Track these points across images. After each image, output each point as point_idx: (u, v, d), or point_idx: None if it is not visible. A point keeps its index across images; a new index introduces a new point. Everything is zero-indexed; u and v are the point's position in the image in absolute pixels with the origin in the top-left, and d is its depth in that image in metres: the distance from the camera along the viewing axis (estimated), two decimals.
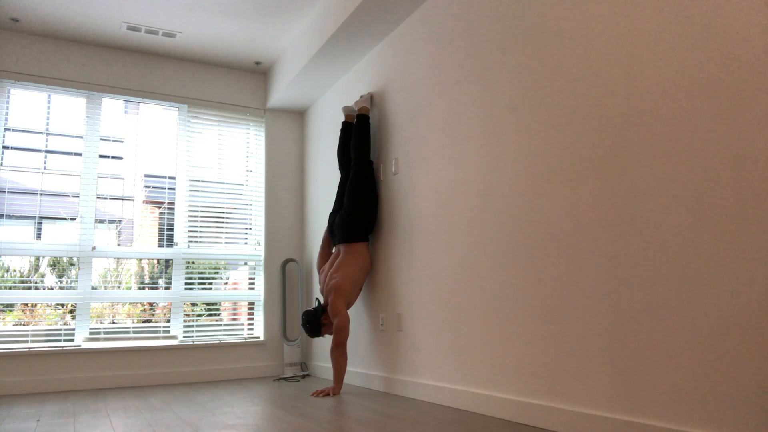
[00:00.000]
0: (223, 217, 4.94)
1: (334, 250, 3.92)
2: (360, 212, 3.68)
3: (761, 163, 1.65)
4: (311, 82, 4.54)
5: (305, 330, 3.65)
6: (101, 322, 4.66)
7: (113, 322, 4.85)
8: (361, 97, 3.95)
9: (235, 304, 5.10)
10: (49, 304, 4.61)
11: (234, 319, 5.08)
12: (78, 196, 4.42)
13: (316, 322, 3.63)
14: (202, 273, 4.85)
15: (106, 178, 4.62)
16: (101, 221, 4.60)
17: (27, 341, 4.09)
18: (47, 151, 4.96)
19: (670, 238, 1.89)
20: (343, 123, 4.08)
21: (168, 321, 4.63)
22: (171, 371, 4.39)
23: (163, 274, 4.88)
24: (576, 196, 2.26)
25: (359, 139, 3.80)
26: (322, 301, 3.71)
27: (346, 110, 4.07)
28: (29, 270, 4.53)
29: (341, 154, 4.01)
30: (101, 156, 4.54)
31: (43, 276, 4.63)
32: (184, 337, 4.58)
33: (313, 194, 4.94)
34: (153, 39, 4.47)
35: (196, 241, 4.75)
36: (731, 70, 1.75)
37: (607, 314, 2.09)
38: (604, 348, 2.09)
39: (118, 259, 4.78)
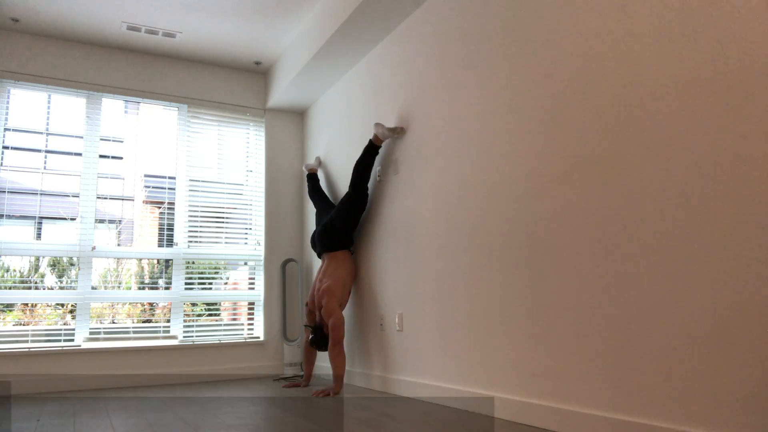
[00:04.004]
0: (223, 217, 4.94)
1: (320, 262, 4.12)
2: (340, 226, 3.87)
3: (761, 162, 1.65)
4: (311, 82, 4.54)
5: (317, 347, 3.75)
6: (101, 322, 4.66)
7: (113, 322, 4.85)
8: (395, 128, 3.60)
9: (235, 304, 5.10)
10: (49, 304, 4.61)
11: (234, 319, 5.08)
12: (78, 196, 4.41)
13: (322, 335, 3.71)
14: (202, 273, 4.85)
15: (106, 178, 4.62)
16: (101, 221, 4.60)
17: (27, 341, 4.09)
18: (47, 151, 4.96)
19: (670, 238, 1.89)
20: (307, 176, 4.63)
21: (168, 321, 4.62)
22: (171, 371, 4.39)
23: (163, 274, 4.88)
24: (576, 196, 2.26)
25: (364, 164, 3.75)
26: (305, 317, 3.94)
27: (308, 167, 4.67)
28: (29, 270, 4.53)
29: (314, 196, 4.46)
30: (101, 156, 4.54)
31: (43, 276, 4.63)
32: (184, 337, 4.58)
33: None
34: (153, 39, 4.47)
35: (196, 241, 4.75)
36: (731, 70, 1.75)
37: (607, 314, 2.09)
38: (604, 348, 2.09)
39: (118, 259, 4.78)
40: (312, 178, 4.63)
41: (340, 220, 3.87)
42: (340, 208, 3.91)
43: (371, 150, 3.72)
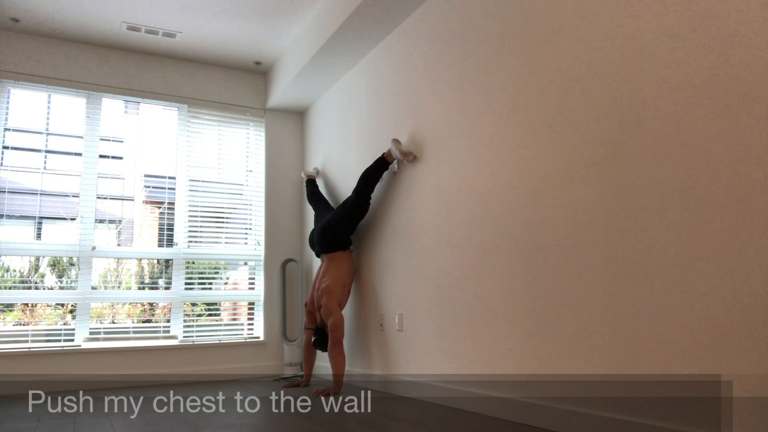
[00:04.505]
0: (223, 217, 4.94)
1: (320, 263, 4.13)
2: (338, 228, 3.86)
3: (761, 163, 1.65)
4: (311, 82, 4.54)
5: (320, 349, 3.78)
6: (101, 322, 4.66)
7: (113, 322, 4.85)
8: (408, 153, 3.48)
9: (235, 304, 5.10)
10: (49, 304, 4.62)
11: (234, 319, 5.08)
12: (78, 196, 4.41)
13: (324, 336, 3.72)
14: (202, 273, 4.85)
15: (106, 178, 4.62)
16: (101, 221, 4.60)
17: (27, 341, 4.09)
18: (47, 151, 4.96)
19: (669, 239, 1.89)
20: (306, 181, 4.70)
21: (168, 321, 4.62)
22: (171, 371, 4.39)
23: (163, 274, 4.88)
24: (576, 197, 2.26)
25: (371, 176, 3.70)
26: (305, 318, 3.99)
27: (307, 173, 4.76)
28: (29, 270, 4.53)
29: (313, 199, 4.49)
30: (101, 156, 4.54)
31: (43, 276, 4.63)
32: (184, 337, 4.58)
33: None
34: (153, 39, 4.47)
35: (196, 241, 4.75)
36: (731, 71, 1.75)
37: (606, 315, 2.09)
38: (603, 348, 2.09)
39: (118, 259, 4.79)
40: (311, 183, 4.66)
41: (338, 223, 3.86)
42: (339, 210, 3.91)
43: (381, 164, 3.64)
